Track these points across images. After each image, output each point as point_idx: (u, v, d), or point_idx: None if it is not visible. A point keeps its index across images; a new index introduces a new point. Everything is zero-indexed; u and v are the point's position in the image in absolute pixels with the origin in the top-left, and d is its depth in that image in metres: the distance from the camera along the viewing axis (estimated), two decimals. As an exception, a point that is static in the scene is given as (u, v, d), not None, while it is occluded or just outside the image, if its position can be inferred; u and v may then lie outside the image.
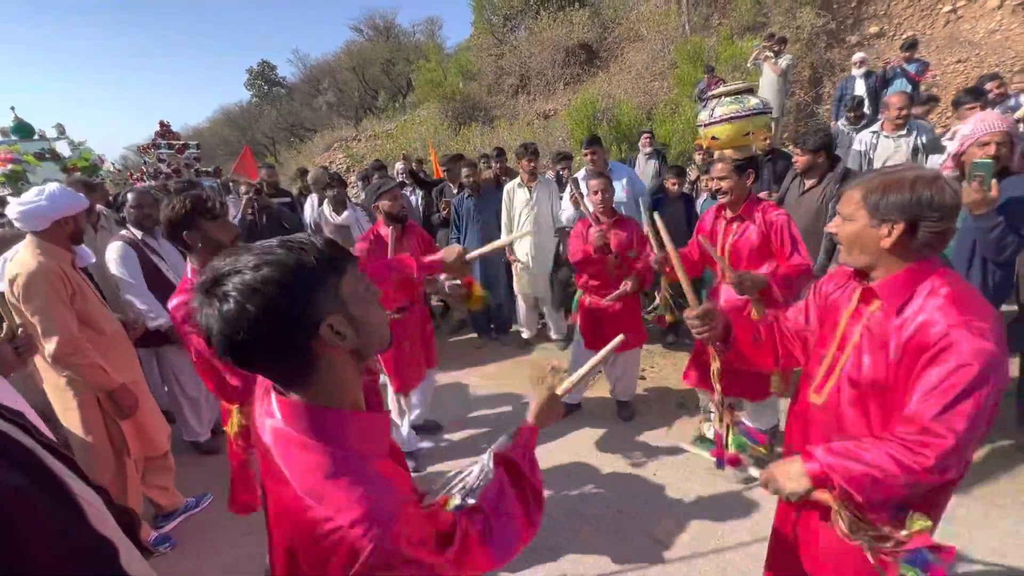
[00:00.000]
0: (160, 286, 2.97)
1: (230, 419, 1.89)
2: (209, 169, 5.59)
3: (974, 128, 2.32)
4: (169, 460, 2.73)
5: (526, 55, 14.31)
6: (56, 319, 2.06)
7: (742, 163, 2.31)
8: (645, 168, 5.51)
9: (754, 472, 1.35)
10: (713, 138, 2.27)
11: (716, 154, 2.32)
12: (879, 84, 6.58)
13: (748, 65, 8.33)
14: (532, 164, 4.22)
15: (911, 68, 6.59)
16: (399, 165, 6.48)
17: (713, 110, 2.22)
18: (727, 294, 2.51)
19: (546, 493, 2.76)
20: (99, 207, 3.35)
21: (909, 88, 6.39)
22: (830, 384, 1.31)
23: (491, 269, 4.61)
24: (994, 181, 2.23)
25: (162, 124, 5.40)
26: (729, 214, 2.48)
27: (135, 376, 2.47)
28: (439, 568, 0.78)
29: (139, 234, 3.03)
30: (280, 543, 0.84)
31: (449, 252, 1.80)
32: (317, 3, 70.57)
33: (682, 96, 10.22)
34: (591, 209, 2.96)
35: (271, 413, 0.83)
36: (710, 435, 2.91)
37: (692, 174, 5.22)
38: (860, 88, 6.47)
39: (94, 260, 2.69)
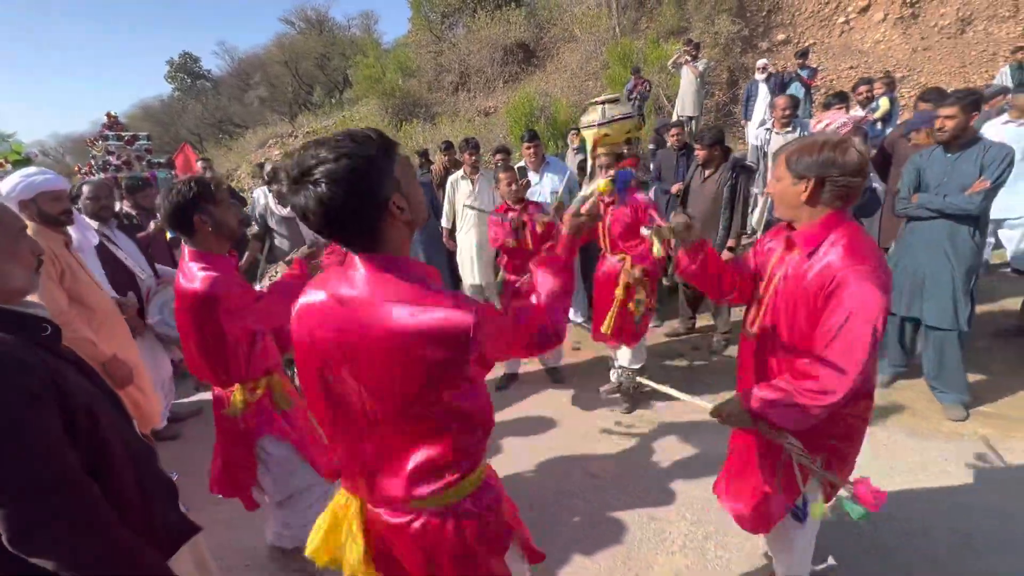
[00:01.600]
0: (122, 276, 3.00)
1: (230, 401, 1.89)
2: (162, 160, 5.46)
3: (847, 120, 3.02)
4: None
5: (465, 52, 14.51)
6: (44, 294, 2.14)
7: (617, 158, 2.89)
8: (574, 161, 5.97)
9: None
10: (605, 135, 2.87)
11: (591, 151, 2.95)
12: (778, 87, 7.42)
13: (669, 67, 9.02)
14: (473, 158, 4.55)
15: (804, 73, 7.50)
16: None
17: (589, 116, 2.87)
18: (608, 265, 3.17)
19: (492, 446, 3.13)
20: None
21: (803, 91, 7.27)
22: (759, 318, 1.58)
23: (434, 259, 4.90)
24: None
25: (109, 116, 5.21)
26: (608, 199, 3.03)
27: (129, 353, 2.53)
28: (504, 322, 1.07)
29: (95, 225, 3.05)
30: (372, 378, 1.01)
31: None
32: (242, -8, 66.82)
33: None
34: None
35: (348, 277, 1.02)
36: (614, 378, 3.55)
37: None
38: (763, 91, 7.27)
39: (95, 242, 2.76)
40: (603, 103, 2.76)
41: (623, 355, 3.29)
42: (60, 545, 0.90)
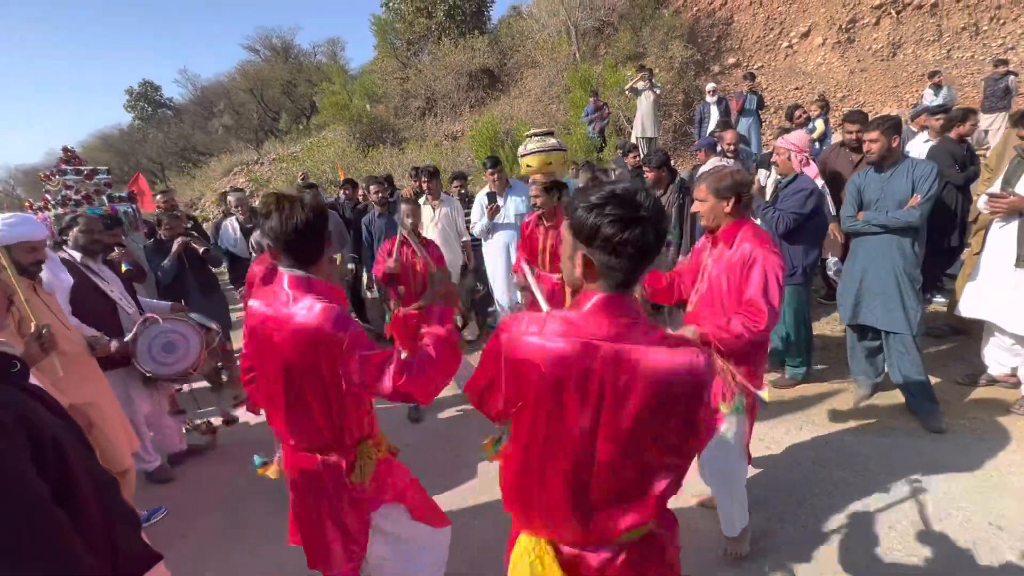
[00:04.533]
0: (105, 308, 2.95)
1: (354, 466, 1.59)
2: (123, 194, 5.38)
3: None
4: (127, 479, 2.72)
5: (431, 78, 14.81)
6: None
7: (550, 184, 3.19)
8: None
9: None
10: (528, 165, 3.21)
11: (530, 178, 3.27)
12: (738, 108, 7.87)
13: (626, 92, 9.44)
14: (427, 184, 4.71)
15: (743, 94, 8.03)
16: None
17: (526, 145, 3.23)
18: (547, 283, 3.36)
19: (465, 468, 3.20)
20: None
21: (755, 107, 7.80)
22: (698, 292, 2.13)
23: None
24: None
25: (65, 150, 5.16)
26: (547, 223, 3.31)
27: (95, 396, 2.47)
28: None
29: (78, 256, 2.98)
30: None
31: None
32: (204, 22, 66.73)
33: (576, 118, 11.24)
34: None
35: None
36: None
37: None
38: (714, 113, 7.71)
39: (70, 282, 2.71)
40: (531, 136, 3.06)
41: None
42: (31, 571, 0.95)
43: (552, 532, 1.17)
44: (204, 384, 3.65)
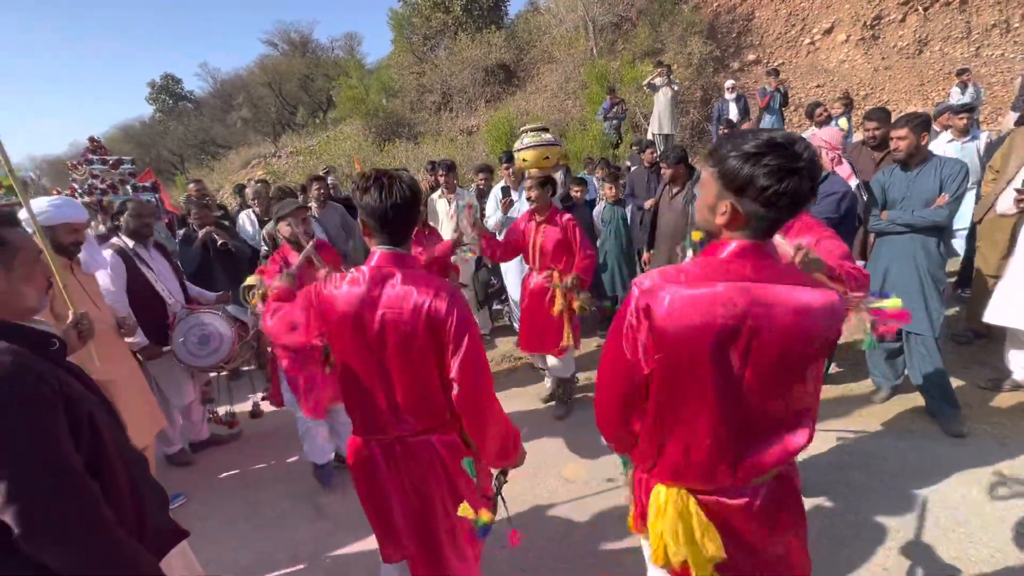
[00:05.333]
0: (148, 297, 2.96)
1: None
2: (147, 184, 5.51)
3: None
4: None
5: (447, 73, 14.80)
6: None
7: (544, 180, 3.17)
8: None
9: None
10: (523, 160, 3.22)
11: (526, 173, 3.29)
12: (764, 105, 7.77)
13: (644, 87, 9.36)
14: (444, 177, 4.72)
15: (769, 91, 7.90)
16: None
17: (522, 140, 3.24)
18: (534, 281, 3.37)
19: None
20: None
21: (779, 103, 7.69)
22: None
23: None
24: None
25: (92, 140, 5.30)
26: (539, 218, 3.24)
27: (118, 374, 2.52)
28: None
29: (131, 243, 3.01)
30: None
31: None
32: (225, 16, 67.59)
33: (592, 114, 11.16)
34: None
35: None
36: (548, 385, 3.73)
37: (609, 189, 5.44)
38: (733, 110, 7.62)
39: (105, 264, 2.81)
40: (527, 131, 3.17)
41: (553, 364, 3.45)
42: (66, 543, 0.98)
43: (696, 481, 1.18)
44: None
